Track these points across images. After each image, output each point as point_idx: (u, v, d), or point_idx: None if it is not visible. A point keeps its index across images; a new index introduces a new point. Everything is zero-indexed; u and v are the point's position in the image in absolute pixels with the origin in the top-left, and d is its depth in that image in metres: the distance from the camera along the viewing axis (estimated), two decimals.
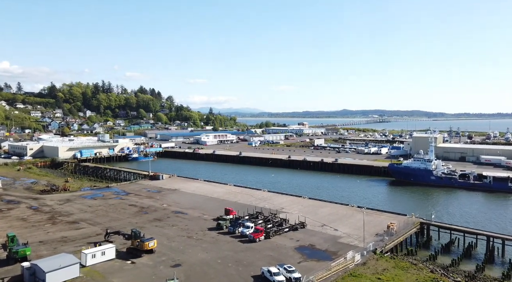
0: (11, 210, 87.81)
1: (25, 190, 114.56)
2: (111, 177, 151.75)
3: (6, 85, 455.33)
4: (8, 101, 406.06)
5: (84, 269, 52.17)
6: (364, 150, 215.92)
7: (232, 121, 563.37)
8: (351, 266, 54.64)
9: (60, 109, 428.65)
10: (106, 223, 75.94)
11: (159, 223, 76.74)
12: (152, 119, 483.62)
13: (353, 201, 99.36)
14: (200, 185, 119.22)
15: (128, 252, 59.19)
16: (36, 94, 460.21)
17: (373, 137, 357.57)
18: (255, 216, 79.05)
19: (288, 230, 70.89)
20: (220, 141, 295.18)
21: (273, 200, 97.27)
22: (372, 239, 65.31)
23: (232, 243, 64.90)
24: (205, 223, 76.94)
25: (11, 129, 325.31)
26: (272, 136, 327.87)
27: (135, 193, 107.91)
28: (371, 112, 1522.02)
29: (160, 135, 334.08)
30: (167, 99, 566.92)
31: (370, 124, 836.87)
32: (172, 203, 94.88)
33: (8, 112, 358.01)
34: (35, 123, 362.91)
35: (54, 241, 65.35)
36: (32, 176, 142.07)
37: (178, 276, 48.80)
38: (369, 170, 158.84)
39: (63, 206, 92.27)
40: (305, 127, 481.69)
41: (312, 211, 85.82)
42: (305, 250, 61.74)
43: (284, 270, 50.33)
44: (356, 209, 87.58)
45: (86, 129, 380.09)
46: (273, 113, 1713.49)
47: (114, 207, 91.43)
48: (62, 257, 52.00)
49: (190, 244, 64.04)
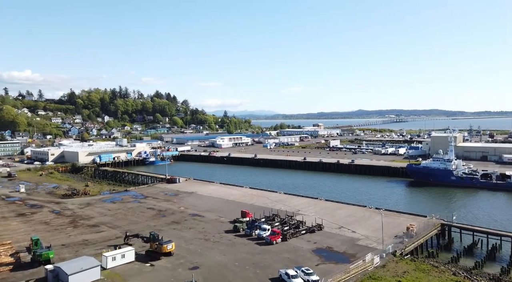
0: (34, 214, 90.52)
1: (47, 194, 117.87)
2: (129, 180, 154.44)
3: (28, 93, 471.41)
4: (30, 109, 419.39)
5: (104, 272, 53.22)
6: (381, 151, 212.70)
7: (246, 124, 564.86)
8: (370, 268, 53.82)
9: (79, 115, 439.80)
10: (125, 226, 77.31)
11: (176, 226, 77.59)
12: (168, 123, 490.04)
13: (371, 203, 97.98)
14: (216, 188, 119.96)
15: (147, 255, 60.04)
16: (57, 101, 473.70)
17: (390, 137, 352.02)
18: (271, 218, 78.94)
19: (305, 232, 70.48)
20: (235, 143, 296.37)
21: (289, 202, 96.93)
22: (391, 241, 64.19)
23: (249, 245, 64.98)
24: (222, 225, 77.32)
25: (33, 135, 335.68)
26: (287, 138, 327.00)
27: (153, 196, 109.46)
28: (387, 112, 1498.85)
29: (176, 139, 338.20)
30: (182, 103, 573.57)
31: (386, 124, 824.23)
32: (189, 206, 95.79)
33: (30, 119, 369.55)
34: (56, 129, 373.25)
35: (76, 244, 66.95)
36: (53, 181, 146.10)
37: (196, 278, 49.17)
38: (386, 170, 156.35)
39: (83, 209, 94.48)
40: (320, 128, 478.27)
41: (329, 213, 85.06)
42: (323, 252, 61.22)
43: (301, 273, 50.06)
44: (374, 210, 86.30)
45: (104, 134, 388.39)
46: (287, 115, 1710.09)
47: (132, 210, 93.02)
48: (83, 259, 53.22)
49: (208, 246, 64.48)
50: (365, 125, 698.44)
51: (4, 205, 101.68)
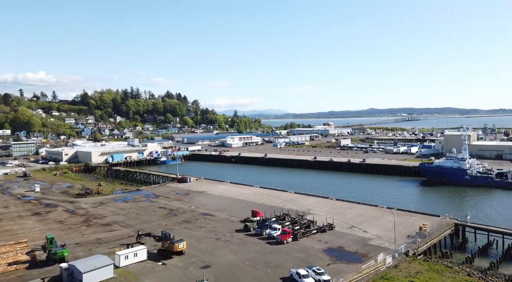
0: (49, 213, 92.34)
1: (61, 193, 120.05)
2: (141, 180, 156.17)
3: (42, 94, 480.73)
4: (45, 109, 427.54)
5: (117, 270, 53.96)
6: (393, 150, 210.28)
7: (256, 123, 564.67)
8: (382, 268, 53.30)
9: (92, 115, 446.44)
10: (137, 225, 78.22)
11: (187, 225, 78.16)
12: (179, 123, 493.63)
13: (383, 202, 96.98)
14: (226, 187, 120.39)
15: (159, 254, 60.64)
16: (70, 102, 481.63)
17: (402, 136, 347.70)
18: (282, 217, 78.86)
19: (316, 232, 70.19)
20: (245, 143, 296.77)
21: (299, 201, 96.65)
22: (403, 241, 63.43)
23: (259, 244, 65.04)
24: (233, 224, 77.56)
25: (48, 136, 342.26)
26: (297, 138, 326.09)
27: (164, 196, 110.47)
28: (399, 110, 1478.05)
29: (187, 139, 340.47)
30: (192, 103, 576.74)
31: (398, 123, 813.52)
32: (200, 205, 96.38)
33: (44, 120, 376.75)
34: (69, 129, 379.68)
35: (89, 243, 68.05)
36: (67, 180, 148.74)
37: (207, 277, 49.47)
38: (398, 169, 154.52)
39: (97, 209, 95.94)
40: (331, 127, 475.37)
41: (340, 212, 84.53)
42: (334, 252, 60.88)
43: (313, 272, 49.88)
44: (385, 210, 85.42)
45: (116, 134, 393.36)
46: (297, 114, 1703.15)
47: (144, 209, 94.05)
48: (97, 258, 54.07)
49: (219, 245, 64.78)
50: (376, 124, 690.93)
51: (20, 204, 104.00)
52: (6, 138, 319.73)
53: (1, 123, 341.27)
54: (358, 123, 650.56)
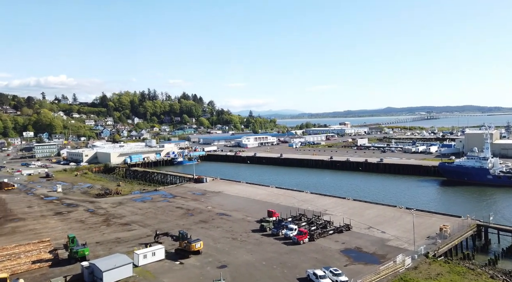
0: (70, 213, 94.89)
1: (82, 193, 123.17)
2: (159, 180, 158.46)
3: (63, 97, 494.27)
4: (65, 112, 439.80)
5: (136, 269, 54.94)
6: (412, 149, 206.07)
7: (272, 124, 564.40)
8: (402, 270, 52.35)
9: (111, 117, 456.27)
10: (155, 225, 79.41)
11: (204, 225, 78.83)
12: (195, 124, 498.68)
13: (401, 202, 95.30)
14: (242, 187, 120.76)
15: (177, 253, 61.40)
16: (89, 104, 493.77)
17: (421, 135, 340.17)
18: (298, 218, 78.54)
19: (332, 232, 69.58)
20: (261, 143, 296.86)
21: (316, 201, 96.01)
22: (423, 242, 62.11)
23: (276, 245, 64.97)
24: (249, 225, 77.76)
25: (69, 137, 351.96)
26: (312, 137, 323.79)
27: (181, 196, 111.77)
28: (417, 109, 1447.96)
29: (203, 139, 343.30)
30: (208, 104, 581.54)
31: (417, 121, 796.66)
32: (216, 205, 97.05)
33: (65, 122, 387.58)
34: (89, 131, 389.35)
35: (109, 242, 69.56)
36: (88, 181, 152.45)
37: (224, 277, 49.79)
38: (417, 169, 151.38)
39: (116, 208, 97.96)
40: (347, 127, 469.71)
41: (357, 212, 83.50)
42: (351, 252, 60.20)
43: (330, 273, 49.49)
44: (404, 210, 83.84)
45: (134, 135, 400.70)
46: (313, 114, 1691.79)
47: (162, 209, 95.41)
48: (116, 257, 55.20)
49: (235, 245, 65.07)
50: (394, 123, 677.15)
51: (43, 204, 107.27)
52: (30, 140, 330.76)
53: (25, 125, 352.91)
54: (375, 123, 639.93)
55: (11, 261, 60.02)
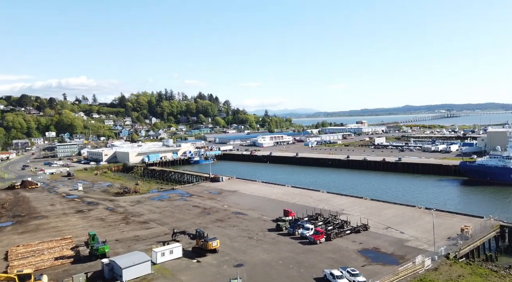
0: (91, 211, 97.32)
1: (102, 192, 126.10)
2: (176, 179, 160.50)
3: (83, 98, 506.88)
4: (86, 112, 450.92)
5: (154, 266, 55.87)
6: (431, 148, 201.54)
7: (287, 123, 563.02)
8: (421, 271, 51.35)
9: (129, 117, 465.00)
10: (173, 223, 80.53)
11: (220, 224, 79.39)
12: (211, 124, 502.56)
13: (420, 202, 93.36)
14: (258, 187, 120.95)
15: (194, 251, 62.10)
16: (109, 104, 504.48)
17: (441, 133, 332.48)
18: (314, 217, 78.07)
19: (349, 232, 68.88)
20: (276, 142, 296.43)
21: (332, 201, 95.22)
22: (443, 243, 60.69)
23: (292, 244, 64.82)
24: (265, 224, 77.85)
25: (89, 137, 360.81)
26: (329, 136, 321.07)
27: (198, 195, 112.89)
28: (437, 107, 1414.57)
29: (219, 139, 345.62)
30: (224, 104, 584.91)
31: (436, 120, 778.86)
32: (232, 204, 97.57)
33: (86, 122, 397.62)
34: (108, 131, 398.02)
35: (128, 240, 70.97)
36: (107, 180, 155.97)
37: (241, 275, 50.00)
38: (437, 169, 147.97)
39: (134, 207, 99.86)
40: (364, 125, 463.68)
41: (375, 212, 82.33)
42: (369, 253, 59.43)
43: (347, 273, 49.03)
44: (424, 210, 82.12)
45: (152, 135, 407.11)
46: (329, 113, 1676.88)
47: (179, 208, 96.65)
48: (135, 254, 56.27)
49: (251, 244, 65.28)
50: (412, 121, 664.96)
51: (65, 202, 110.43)
52: (52, 140, 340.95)
53: (47, 126, 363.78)
54: (393, 121, 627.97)
55: (35, 257, 62.10)
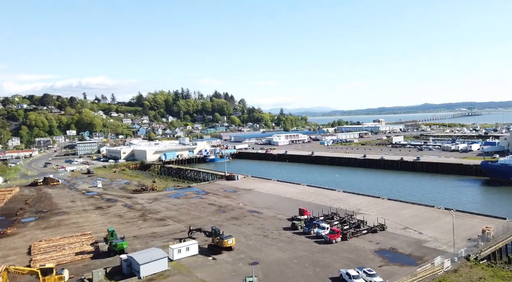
0: (110, 207, 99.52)
1: (120, 189, 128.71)
2: (192, 177, 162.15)
3: (102, 97, 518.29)
4: (105, 111, 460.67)
5: (171, 263, 56.69)
6: (451, 147, 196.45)
7: (303, 121, 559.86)
8: (440, 273, 50.26)
9: (146, 116, 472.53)
10: (189, 221, 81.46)
11: (236, 222, 79.80)
12: (226, 122, 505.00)
13: (439, 203, 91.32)
14: (273, 185, 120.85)
15: (209, 249, 62.65)
16: (127, 103, 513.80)
17: (461, 132, 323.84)
18: (330, 216, 77.48)
19: (366, 232, 68.04)
20: (292, 141, 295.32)
21: (348, 200, 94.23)
22: (464, 244, 59.19)
23: (307, 243, 64.55)
24: (280, 222, 77.78)
25: (108, 135, 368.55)
26: (345, 135, 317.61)
27: (214, 193, 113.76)
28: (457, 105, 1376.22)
29: (234, 137, 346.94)
30: (239, 102, 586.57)
31: (457, 118, 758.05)
32: (247, 202, 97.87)
33: (105, 121, 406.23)
34: (127, 129, 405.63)
35: (146, 236, 72.23)
36: (125, 177, 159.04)
37: (256, 273, 50.17)
38: (457, 168, 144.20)
39: (151, 204, 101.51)
40: (381, 124, 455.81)
41: (392, 212, 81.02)
42: (386, 253, 58.56)
43: (363, 274, 48.47)
44: (443, 211, 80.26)
45: (168, 133, 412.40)
46: (345, 111, 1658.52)
47: (195, 205, 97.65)
48: (153, 251, 57.26)
49: (266, 242, 65.35)
50: (431, 120, 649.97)
51: (85, 198, 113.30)
52: (72, 138, 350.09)
53: (68, 124, 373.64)
54: (411, 120, 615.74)
55: (57, 252, 64.01)
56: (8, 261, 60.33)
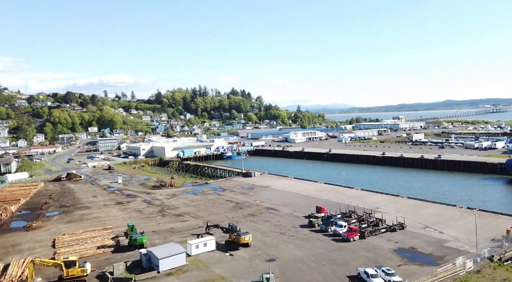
0: (130, 203, 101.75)
1: (140, 185, 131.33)
2: (209, 174, 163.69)
3: (123, 94, 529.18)
4: (125, 108, 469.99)
5: (189, 258, 57.51)
6: (474, 144, 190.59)
7: (320, 118, 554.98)
8: (462, 273, 49.01)
9: (165, 113, 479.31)
10: (206, 217, 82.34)
11: (253, 218, 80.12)
12: (243, 119, 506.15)
13: (462, 202, 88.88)
14: (290, 182, 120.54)
15: (226, 245, 63.19)
16: (146, 101, 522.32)
17: (485, 130, 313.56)
18: (348, 214, 76.67)
19: (385, 231, 67.00)
20: (309, 138, 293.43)
21: (366, 198, 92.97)
22: (487, 244, 57.44)
23: (324, 241, 64.16)
24: (297, 220, 77.58)
25: (128, 132, 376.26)
26: (363, 132, 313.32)
27: (230, 189, 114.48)
28: (481, 101, 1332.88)
29: (251, 135, 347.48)
30: (256, 100, 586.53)
31: (480, 115, 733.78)
32: (264, 199, 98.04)
33: (125, 118, 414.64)
34: (146, 126, 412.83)
35: (164, 231, 73.52)
36: (144, 173, 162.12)
37: (273, 270, 50.24)
38: (480, 167, 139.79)
39: (170, 200, 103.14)
40: (401, 121, 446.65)
41: (412, 211, 79.44)
42: (405, 252, 57.54)
43: (382, 273, 47.80)
44: (465, 210, 78.13)
45: (186, 130, 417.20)
46: (364, 108, 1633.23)
47: (212, 202, 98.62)
48: (171, 246, 58.22)
49: (283, 240, 65.35)
50: (454, 117, 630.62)
51: (106, 194, 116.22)
52: (94, 135, 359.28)
53: (90, 121, 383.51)
54: (432, 117, 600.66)
55: (79, 245, 66.01)
56: (34, 253, 62.75)
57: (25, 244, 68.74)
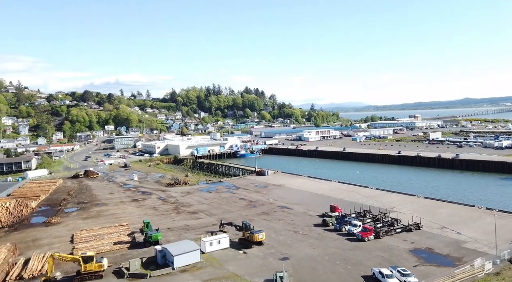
0: (145, 200, 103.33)
1: (155, 183, 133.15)
2: (223, 172, 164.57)
3: (138, 93, 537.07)
4: (140, 107, 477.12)
5: (203, 255, 58.05)
6: (494, 144, 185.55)
7: (334, 117, 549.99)
8: (480, 275, 47.90)
9: (179, 111, 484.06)
10: (220, 215, 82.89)
11: (266, 217, 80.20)
12: (257, 118, 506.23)
13: (480, 202, 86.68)
14: (304, 181, 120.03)
15: (240, 243, 63.49)
16: (161, 99, 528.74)
17: (506, 128, 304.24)
18: (362, 214, 75.90)
19: (400, 231, 66.05)
20: (323, 137, 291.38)
21: (382, 198, 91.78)
22: (507, 246, 55.92)
23: (339, 240, 63.72)
24: (311, 219, 77.26)
25: (143, 131, 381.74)
26: (378, 131, 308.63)
27: (244, 188, 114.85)
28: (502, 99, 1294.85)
29: (264, 133, 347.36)
30: (270, 98, 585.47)
31: (501, 113, 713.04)
32: (277, 198, 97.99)
33: (140, 116, 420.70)
34: (161, 125, 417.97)
35: (179, 229, 74.38)
36: (160, 171, 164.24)
37: (286, 269, 50.22)
38: (500, 166, 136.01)
39: (184, 197, 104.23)
40: (418, 120, 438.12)
41: (429, 211, 78.02)
42: (422, 253, 56.60)
43: (397, 273, 47.16)
44: (484, 211, 76.25)
45: (200, 129, 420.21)
46: (379, 107, 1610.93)
47: (226, 200, 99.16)
48: (185, 243, 58.87)
49: (297, 238, 65.21)
50: (472, 115, 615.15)
51: (122, 191, 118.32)
52: (110, 133, 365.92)
53: (106, 120, 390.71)
54: (450, 115, 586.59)
55: (97, 241, 67.47)
56: (53, 248, 64.50)
57: (44, 239, 70.74)
